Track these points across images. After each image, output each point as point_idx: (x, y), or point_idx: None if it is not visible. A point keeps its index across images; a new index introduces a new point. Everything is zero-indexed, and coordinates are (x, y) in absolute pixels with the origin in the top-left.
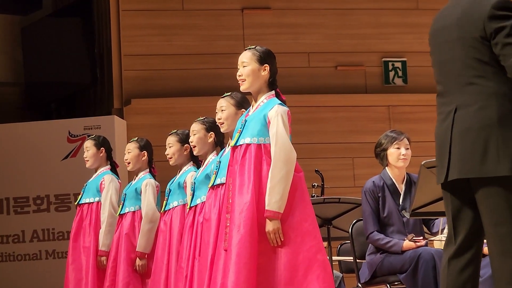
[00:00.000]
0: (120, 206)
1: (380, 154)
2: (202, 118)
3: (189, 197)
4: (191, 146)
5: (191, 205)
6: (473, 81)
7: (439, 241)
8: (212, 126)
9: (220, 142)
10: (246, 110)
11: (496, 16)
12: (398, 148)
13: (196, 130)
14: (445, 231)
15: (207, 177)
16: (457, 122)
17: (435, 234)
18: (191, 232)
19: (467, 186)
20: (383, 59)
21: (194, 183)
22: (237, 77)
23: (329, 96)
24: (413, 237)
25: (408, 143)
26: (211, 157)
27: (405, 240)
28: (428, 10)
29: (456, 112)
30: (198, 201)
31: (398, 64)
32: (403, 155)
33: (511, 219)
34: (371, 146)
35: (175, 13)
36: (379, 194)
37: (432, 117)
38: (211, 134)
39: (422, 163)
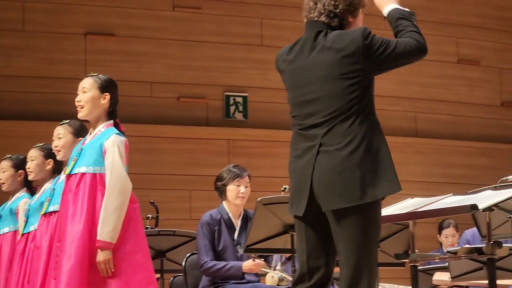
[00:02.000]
0: None
1: (220, 188)
2: (41, 144)
3: (22, 224)
4: (28, 172)
5: (24, 232)
6: (340, 118)
7: (271, 278)
8: (50, 153)
9: (58, 169)
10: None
11: (370, 44)
12: (238, 185)
13: (34, 156)
14: (278, 267)
15: (42, 204)
16: (321, 157)
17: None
18: (21, 259)
19: (324, 218)
20: (225, 93)
21: (28, 209)
22: (76, 103)
23: (170, 127)
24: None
25: (248, 180)
26: (48, 185)
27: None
28: (272, 47)
29: (320, 147)
30: (31, 228)
31: (240, 99)
32: (241, 193)
33: (364, 250)
34: (209, 179)
35: (15, 34)
36: (215, 228)
37: (270, 152)
38: (49, 161)
39: (258, 199)
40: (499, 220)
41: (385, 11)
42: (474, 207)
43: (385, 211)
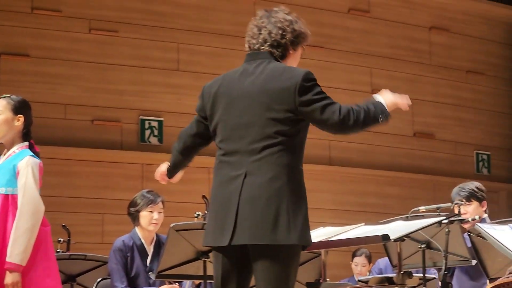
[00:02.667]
0: None
1: (133, 214)
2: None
3: None
4: None
5: None
6: (267, 150)
7: None
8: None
9: None
10: None
11: (307, 88)
12: (152, 211)
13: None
14: None
15: None
16: (247, 187)
17: None
18: None
19: (244, 252)
20: (141, 117)
21: None
22: None
23: (84, 150)
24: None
25: (162, 206)
26: None
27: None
28: (188, 72)
29: (246, 177)
30: None
31: (155, 123)
32: (155, 219)
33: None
34: (122, 203)
35: None
36: (128, 254)
37: (185, 178)
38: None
39: (171, 225)
40: (410, 250)
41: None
42: (385, 237)
43: None
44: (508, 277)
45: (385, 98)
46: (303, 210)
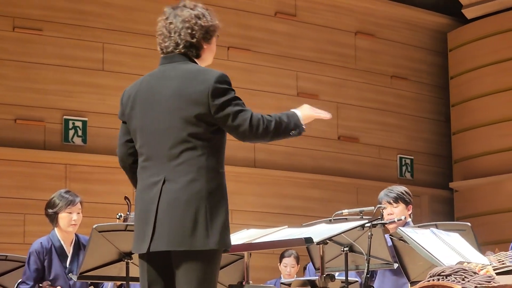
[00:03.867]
0: None
1: (51, 216)
2: None
3: None
4: None
5: None
6: (185, 154)
7: None
8: None
9: None
10: None
11: (220, 91)
12: (70, 213)
13: None
14: None
15: None
16: (165, 193)
17: None
18: None
19: (168, 258)
20: (64, 117)
21: None
22: None
23: (6, 149)
24: None
25: (80, 207)
26: None
27: None
28: (113, 72)
29: (164, 183)
30: None
31: (79, 123)
32: (74, 220)
33: None
34: (45, 204)
35: None
36: (46, 257)
37: (109, 178)
38: None
39: (94, 226)
40: (333, 253)
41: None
42: (308, 240)
43: None
44: (429, 281)
45: (302, 111)
46: (223, 213)
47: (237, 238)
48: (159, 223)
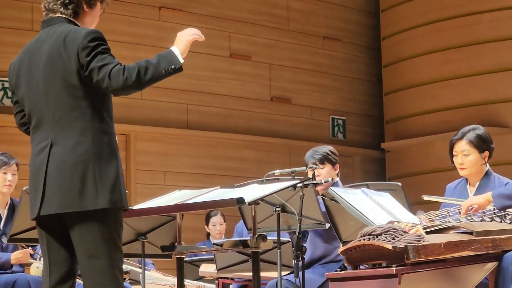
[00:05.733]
0: None
1: None
2: None
3: None
4: None
5: None
6: (70, 116)
7: (35, 268)
8: None
9: None
10: None
11: (87, 47)
12: (5, 173)
13: None
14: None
15: None
16: (53, 157)
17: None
18: None
19: (61, 222)
20: None
21: None
22: None
23: None
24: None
25: (16, 168)
26: None
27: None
28: None
29: (51, 147)
30: None
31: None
32: (8, 181)
33: (106, 252)
34: None
35: None
36: None
37: None
38: None
39: (24, 188)
40: (265, 214)
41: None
42: (240, 200)
43: (152, 203)
44: (359, 240)
45: (179, 44)
46: (113, 172)
47: (169, 199)
48: (48, 187)
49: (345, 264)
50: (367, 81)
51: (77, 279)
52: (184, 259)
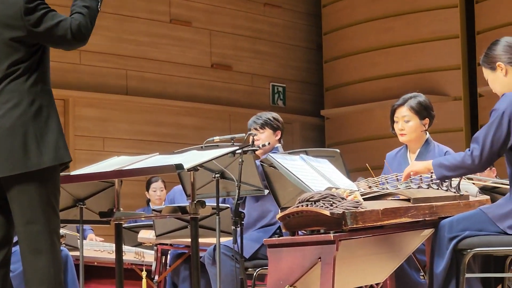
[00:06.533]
0: None
1: None
2: None
3: None
4: None
5: None
6: (6, 80)
7: None
8: None
9: None
10: None
11: (32, 9)
12: None
13: None
14: None
15: None
16: None
17: None
18: None
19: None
20: None
21: None
22: None
23: None
24: None
25: None
26: None
27: None
28: None
29: None
30: None
31: None
32: None
33: (43, 217)
34: None
35: None
36: None
37: None
38: None
39: None
40: (204, 180)
41: None
42: (179, 166)
43: (90, 169)
44: (297, 207)
45: None
46: (54, 130)
47: (107, 165)
48: None
49: (283, 230)
50: (307, 48)
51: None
52: (123, 225)
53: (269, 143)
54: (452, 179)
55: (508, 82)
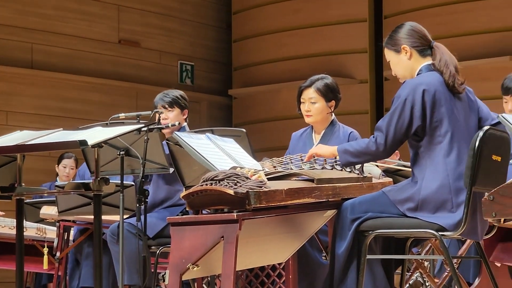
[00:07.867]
0: None
1: None
2: None
3: None
4: None
5: None
6: None
7: None
8: None
9: None
10: None
11: None
12: None
13: None
14: None
15: None
16: None
17: None
18: None
19: None
20: None
21: None
22: None
23: None
24: None
25: None
26: None
27: None
28: None
29: None
30: None
31: None
32: None
33: None
34: None
35: None
36: None
37: None
38: None
39: None
40: (108, 157)
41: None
42: (83, 142)
43: None
44: (202, 185)
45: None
46: None
47: (10, 139)
48: None
49: (187, 209)
50: (216, 27)
51: None
52: (25, 201)
53: (179, 123)
54: None
55: (411, 65)
